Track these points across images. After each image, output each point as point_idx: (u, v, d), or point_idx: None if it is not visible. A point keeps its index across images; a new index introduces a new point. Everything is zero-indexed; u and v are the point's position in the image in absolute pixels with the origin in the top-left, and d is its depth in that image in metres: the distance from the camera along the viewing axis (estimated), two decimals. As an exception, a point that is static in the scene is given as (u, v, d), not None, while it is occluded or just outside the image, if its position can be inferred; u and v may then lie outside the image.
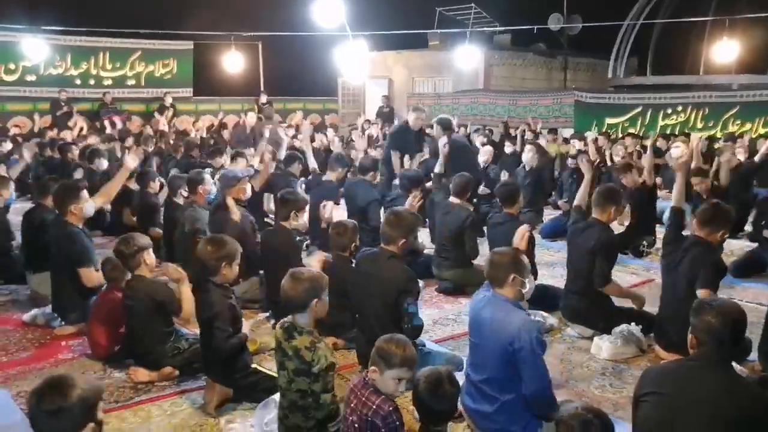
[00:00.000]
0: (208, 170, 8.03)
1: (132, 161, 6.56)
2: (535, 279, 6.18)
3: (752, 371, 4.70)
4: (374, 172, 8.20)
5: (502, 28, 20.11)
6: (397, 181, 8.51)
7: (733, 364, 4.18)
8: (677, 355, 4.50)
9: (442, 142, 8.49)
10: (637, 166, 8.77)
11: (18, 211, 8.07)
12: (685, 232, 5.45)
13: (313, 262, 5.01)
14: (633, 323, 5.35)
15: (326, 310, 3.73)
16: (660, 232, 8.41)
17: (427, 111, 12.90)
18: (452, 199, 7.10)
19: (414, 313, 4.43)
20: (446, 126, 9.32)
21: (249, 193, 6.94)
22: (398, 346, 3.34)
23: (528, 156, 9.83)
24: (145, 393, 4.56)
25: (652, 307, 5.58)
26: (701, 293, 4.61)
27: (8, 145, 13.38)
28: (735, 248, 8.27)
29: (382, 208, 7.78)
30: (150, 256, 4.93)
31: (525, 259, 3.90)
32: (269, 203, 9.05)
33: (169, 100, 18.81)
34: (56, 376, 2.65)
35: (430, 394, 3.31)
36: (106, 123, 16.51)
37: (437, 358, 4.75)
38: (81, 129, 15.85)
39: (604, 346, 5.24)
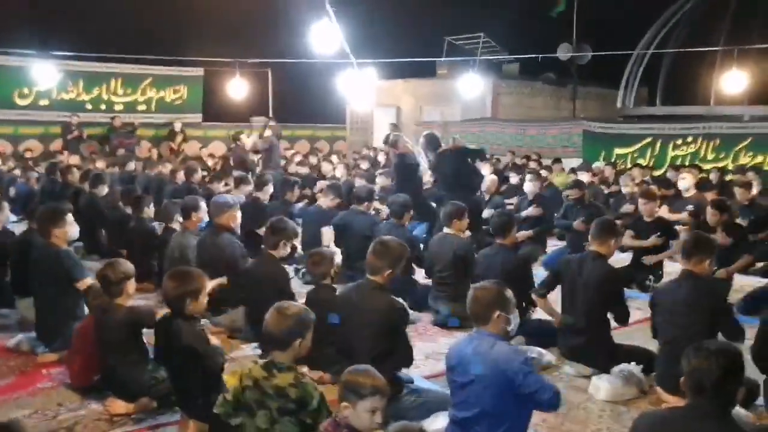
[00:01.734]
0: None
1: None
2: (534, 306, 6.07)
3: (759, 419, 4.48)
4: (369, 203, 8.04)
5: (511, 57, 20.07)
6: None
7: (738, 409, 4.02)
8: (679, 398, 4.31)
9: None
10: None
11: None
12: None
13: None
14: (634, 363, 5.14)
15: (308, 349, 3.57)
16: (668, 266, 8.24)
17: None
18: (445, 229, 6.95)
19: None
20: (433, 143, 9.14)
21: (239, 220, 6.80)
22: (366, 375, 3.20)
23: (529, 186, 9.69)
24: (120, 426, 4.40)
25: (656, 346, 5.38)
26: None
27: (10, 164, 13.45)
28: (745, 284, 8.00)
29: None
30: (132, 285, 4.81)
31: (510, 293, 3.75)
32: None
33: (178, 126, 18.96)
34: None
35: None
36: (116, 144, 16.61)
37: (424, 395, 4.57)
38: (92, 153, 15.90)
39: (602, 386, 5.02)
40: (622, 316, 5.35)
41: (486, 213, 9.55)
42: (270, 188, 9.04)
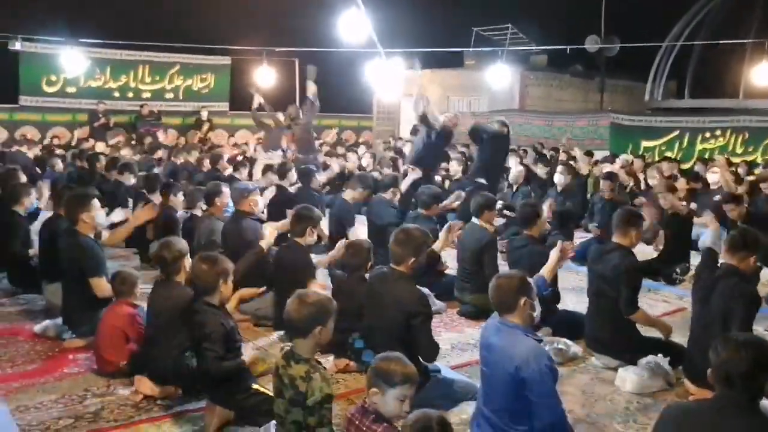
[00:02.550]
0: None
1: (144, 216, 6.50)
2: (558, 303, 6.02)
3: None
4: (394, 188, 8.03)
5: (539, 48, 19.95)
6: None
7: (765, 402, 3.96)
8: (707, 391, 4.24)
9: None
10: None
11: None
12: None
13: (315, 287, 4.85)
14: (661, 354, 5.08)
15: (329, 337, 3.54)
16: (694, 257, 8.15)
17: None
18: (474, 219, 6.91)
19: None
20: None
21: (261, 206, 6.80)
22: (397, 363, 3.17)
23: (559, 177, 9.61)
24: (145, 412, 4.41)
25: (682, 338, 5.31)
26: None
27: (36, 150, 13.58)
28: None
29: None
30: (189, 262, 4.78)
31: (532, 281, 3.71)
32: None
33: (205, 114, 19.05)
34: None
35: None
36: (143, 132, 16.70)
37: (451, 385, 4.55)
38: (118, 141, 16.00)
39: (629, 378, 4.97)
40: (626, 306, 5.20)
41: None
42: (293, 176, 9.04)
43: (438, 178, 9.70)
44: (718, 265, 5.05)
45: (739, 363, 2.81)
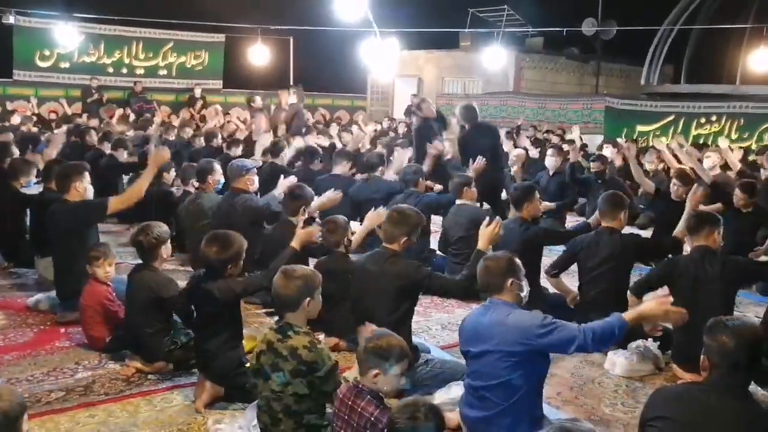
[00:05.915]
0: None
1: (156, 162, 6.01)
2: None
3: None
4: (382, 167, 8.05)
5: (535, 30, 19.91)
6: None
7: (757, 388, 4.00)
8: (696, 375, 4.27)
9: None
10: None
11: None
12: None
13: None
14: (650, 339, 5.11)
15: (318, 309, 3.58)
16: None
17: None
18: (457, 200, 6.97)
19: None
20: (471, 115, 9.06)
21: (257, 184, 6.79)
22: (393, 339, 3.23)
23: (550, 160, 9.60)
24: (136, 386, 4.43)
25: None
26: None
27: (29, 125, 13.52)
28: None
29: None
30: (167, 249, 4.82)
31: (519, 261, 3.73)
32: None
33: (198, 92, 18.94)
34: None
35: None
36: (136, 109, 16.61)
37: (441, 365, 4.58)
38: (111, 117, 15.90)
39: (618, 361, 5.00)
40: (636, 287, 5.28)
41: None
42: (286, 154, 9.02)
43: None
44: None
45: (729, 347, 2.81)
